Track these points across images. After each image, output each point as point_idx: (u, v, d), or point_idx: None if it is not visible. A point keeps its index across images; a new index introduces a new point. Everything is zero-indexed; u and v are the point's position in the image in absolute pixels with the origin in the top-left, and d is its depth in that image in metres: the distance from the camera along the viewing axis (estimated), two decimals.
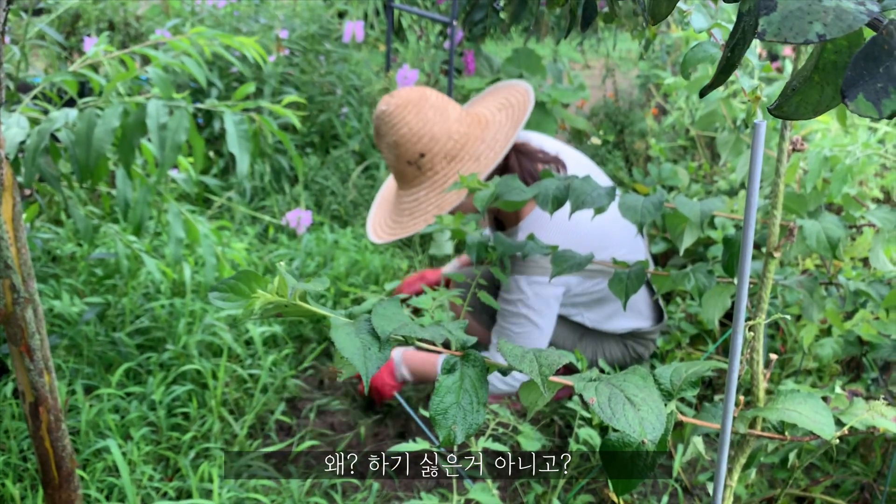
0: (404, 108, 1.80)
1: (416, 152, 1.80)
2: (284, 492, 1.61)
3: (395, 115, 1.80)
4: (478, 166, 1.81)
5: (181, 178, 2.05)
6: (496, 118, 1.89)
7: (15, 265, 1.07)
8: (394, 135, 1.80)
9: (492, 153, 1.81)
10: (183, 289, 2.18)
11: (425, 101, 1.82)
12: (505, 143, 1.81)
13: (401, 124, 1.79)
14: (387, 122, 1.81)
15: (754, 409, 0.91)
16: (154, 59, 1.71)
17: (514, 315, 1.84)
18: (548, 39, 5.15)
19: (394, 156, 1.84)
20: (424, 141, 1.80)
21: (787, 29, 0.32)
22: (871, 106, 0.33)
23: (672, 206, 1.20)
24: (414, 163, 1.81)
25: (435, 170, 1.82)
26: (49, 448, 1.20)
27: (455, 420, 0.76)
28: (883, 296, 1.34)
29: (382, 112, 1.82)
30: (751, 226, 0.62)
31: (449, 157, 1.82)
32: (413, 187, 1.86)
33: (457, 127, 1.83)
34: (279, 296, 0.71)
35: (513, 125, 1.84)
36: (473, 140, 1.84)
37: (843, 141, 1.55)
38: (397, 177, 1.90)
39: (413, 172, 1.83)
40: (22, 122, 1.57)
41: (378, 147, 1.90)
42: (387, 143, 1.83)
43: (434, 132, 1.80)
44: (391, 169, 1.89)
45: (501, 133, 1.84)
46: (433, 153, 1.81)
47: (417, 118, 1.80)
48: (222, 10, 3.50)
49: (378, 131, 1.85)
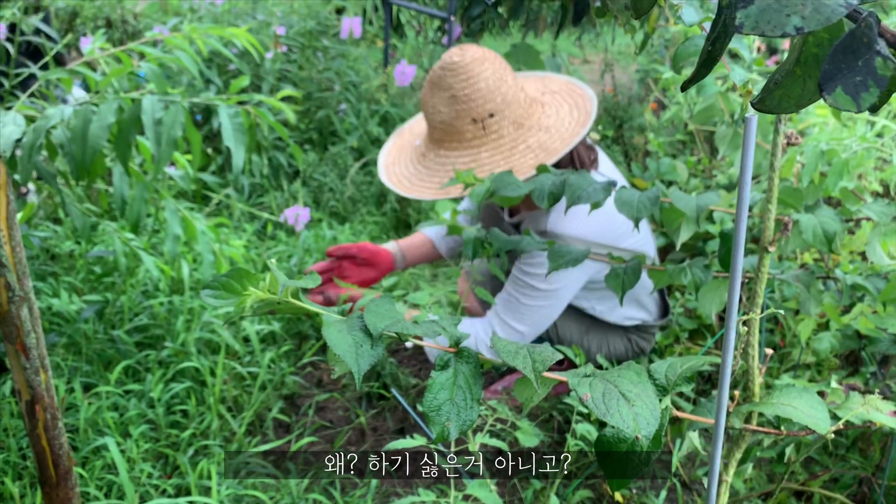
0: (482, 63, 1.72)
1: (487, 110, 1.71)
2: (283, 489, 1.61)
3: (473, 68, 1.71)
4: (548, 138, 1.73)
5: (179, 175, 2.05)
6: (546, 100, 1.82)
7: (9, 263, 1.07)
8: (467, 88, 1.70)
9: (564, 131, 1.73)
10: (181, 286, 2.18)
11: (499, 60, 1.75)
12: (580, 127, 1.73)
13: (478, 78, 1.71)
14: (460, 74, 1.71)
15: (749, 404, 0.91)
16: (148, 54, 1.70)
17: (531, 288, 1.78)
18: (546, 34, 5.14)
19: (455, 111, 1.72)
20: (498, 101, 1.72)
21: (764, 22, 0.32)
22: (849, 100, 0.32)
23: (668, 201, 1.20)
24: (480, 121, 1.71)
25: (501, 133, 1.73)
26: (46, 446, 1.20)
27: (449, 417, 0.76)
28: (880, 289, 1.34)
29: (455, 63, 1.71)
30: (743, 219, 0.62)
31: (517, 123, 1.74)
32: (470, 148, 1.76)
33: (522, 96, 1.77)
34: (270, 293, 0.71)
35: (581, 112, 1.77)
36: (538, 113, 1.78)
37: (840, 135, 1.55)
38: (447, 133, 1.77)
39: (474, 132, 1.73)
40: (18, 119, 1.57)
41: (428, 100, 1.77)
42: (453, 95, 1.72)
43: (507, 94, 1.73)
44: (441, 125, 1.76)
45: (564, 111, 1.77)
46: (503, 115, 1.73)
47: (494, 75, 1.72)
48: (220, 6, 3.49)
49: (441, 83, 1.73)
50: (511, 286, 1.82)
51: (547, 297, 1.78)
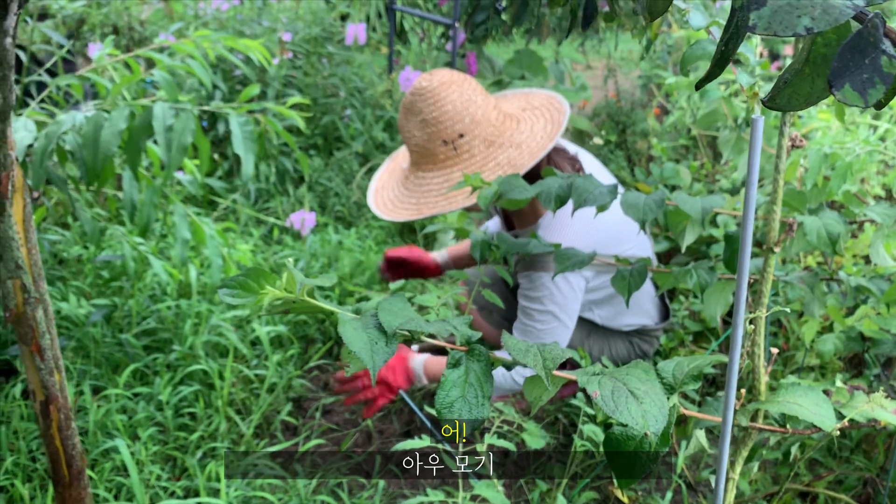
0: (448, 86, 1.76)
1: (456, 132, 1.76)
2: (291, 490, 1.62)
3: (439, 92, 1.75)
4: (519, 154, 1.78)
5: (187, 180, 2.07)
6: (525, 116, 1.87)
7: (26, 266, 1.08)
8: (435, 111, 1.75)
9: (534, 146, 1.78)
10: (189, 290, 2.20)
11: (468, 82, 1.80)
12: (547, 141, 1.77)
13: (445, 101, 1.75)
14: (428, 99, 1.76)
15: (755, 403, 0.92)
16: (159, 62, 1.72)
17: (540, 312, 1.82)
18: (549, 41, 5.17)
19: (427, 134, 1.78)
20: (466, 121, 1.76)
21: (776, 23, 0.34)
22: (857, 96, 0.34)
23: (673, 204, 1.21)
24: (451, 142, 1.77)
25: (472, 152, 1.78)
26: (59, 446, 1.21)
27: (460, 414, 0.77)
28: (884, 291, 1.35)
29: (423, 88, 1.77)
30: (749, 220, 0.63)
31: (487, 141, 1.78)
32: (443, 168, 1.81)
33: (495, 114, 1.81)
34: (287, 292, 0.72)
35: (554, 126, 1.81)
36: (510, 130, 1.81)
37: (843, 138, 1.56)
38: (422, 156, 1.83)
39: (446, 153, 1.78)
40: (29, 125, 1.59)
41: (403, 124, 1.83)
42: (423, 119, 1.77)
43: (476, 114, 1.77)
44: (416, 148, 1.82)
45: (539, 126, 1.82)
46: (473, 135, 1.77)
47: (462, 97, 1.76)
48: (226, 13, 3.52)
49: (412, 108, 1.79)
50: (522, 317, 1.87)
51: (556, 315, 1.82)
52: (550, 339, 1.82)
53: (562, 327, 1.83)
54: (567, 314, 1.83)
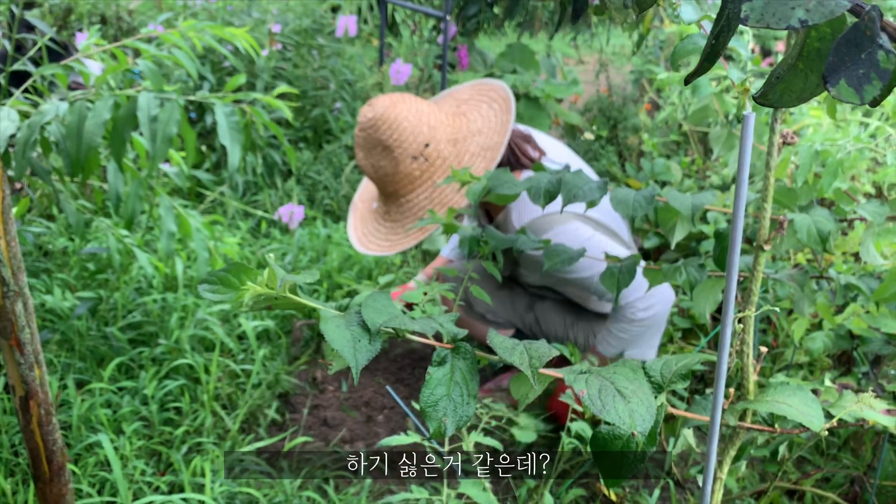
0: (395, 107, 1.78)
1: (420, 143, 1.77)
2: (277, 487, 1.61)
3: (389, 115, 1.77)
4: (485, 138, 1.78)
5: (173, 172, 2.04)
6: (464, 109, 1.88)
7: (5, 258, 1.06)
8: (394, 133, 1.76)
9: (495, 124, 1.78)
10: (175, 283, 2.18)
11: (408, 97, 1.82)
12: (505, 115, 1.78)
13: (399, 120, 1.76)
14: (381, 126, 1.77)
15: (744, 402, 0.91)
16: (145, 51, 1.70)
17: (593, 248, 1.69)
18: (541, 34, 5.15)
19: (393, 158, 1.78)
20: (425, 130, 1.77)
21: (769, 14, 0.32)
22: (852, 92, 0.33)
23: (664, 200, 1.20)
24: (420, 155, 1.77)
25: (443, 155, 1.79)
26: (40, 442, 1.19)
27: (445, 412, 0.76)
28: (873, 289, 1.34)
29: (372, 119, 1.77)
30: (739, 217, 0.62)
31: (452, 140, 1.80)
32: (423, 182, 1.81)
33: (444, 116, 1.83)
34: (269, 288, 0.71)
35: (500, 104, 1.82)
36: (464, 124, 1.83)
37: (834, 135, 1.56)
38: (396, 182, 1.82)
39: (419, 167, 1.79)
40: (12, 115, 1.57)
41: (365, 162, 1.82)
42: (385, 146, 1.78)
43: (431, 121, 1.79)
44: (387, 177, 1.82)
45: (485, 109, 1.83)
46: (437, 140, 1.78)
47: (411, 112, 1.78)
48: (215, 4, 3.49)
49: (368, 141, 1.79)
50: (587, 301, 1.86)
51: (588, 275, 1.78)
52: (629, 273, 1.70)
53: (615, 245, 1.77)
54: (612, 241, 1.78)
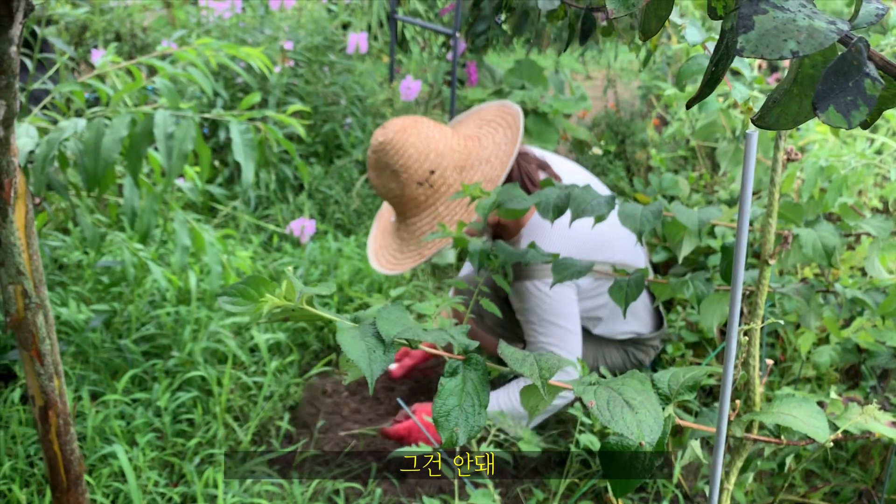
0: (404, 132, 1.81)
1: (425, 170, 1.81)
2: (288, 497, 1.63)
3: (398, 141, 1.81)
4: (491, 168, 1.82)
5: (187, 186, 2.07)
6: (483, 132, 1.91)
7: (27, 271, 1.09)
8: (400, 159, 1.80)
9: (502, 154, 1.82)
10: (188, 296, 2.21)
11: (421, 123, 1.85)
12: (511, 146, 1.82)
13: (406, 146, 1.80)
14: (389, 151, 1.81)
15: (750, 414, 0.93)
16: (161, 69, 1.73)
17: (540, 324, 1.83)
18: (549, 51, 5.19)
19: (400, 182, 1.83)
20: (432, 158, 1.81)
21: (763, 46, 0.35)
22: (840, 117, 0.35)
23: (671, 215, 1.22)
24: (425, 182, 1.82)
25: (448, 182, 1.83)
26: (58, 452, 1.22)
27: (457, 422, 0.78)
28: (879, 303, 1.36)
29: (382, 143, 1.82)
30: (743, 232, 0.64)
31: (458, 167, 1.83)
32: (428, 208, 1.86)
33: (455, 141, 1.86)
34: (287, 300, 0.73)
35: (513, 131, 1.86)
36: (475, 150, 1.86)
37: (839, 151, 1.58)
38: (404, 205, 1.87)
39: (425, 192, 1.84)
40: (31, 131, 1.60)
41: (377, 182, 1.88)
42: (392, 170, 1.82)
43: (439, 148, 1.82)
44: (396, 199, 1.87)
45: (500, 136, 1.86)
46: (442, 167, 1.82)
47: (419, 138, 1.82)
48: (228, 21, 3.54)
49: (378, 163, 1.84)
50: (530, 337, 1.88)
51: (554, 322, 1.83)
52: (562, 350, 1.82)
53: (566, 333, 1.83)
54: (565, 318, 1.83)
